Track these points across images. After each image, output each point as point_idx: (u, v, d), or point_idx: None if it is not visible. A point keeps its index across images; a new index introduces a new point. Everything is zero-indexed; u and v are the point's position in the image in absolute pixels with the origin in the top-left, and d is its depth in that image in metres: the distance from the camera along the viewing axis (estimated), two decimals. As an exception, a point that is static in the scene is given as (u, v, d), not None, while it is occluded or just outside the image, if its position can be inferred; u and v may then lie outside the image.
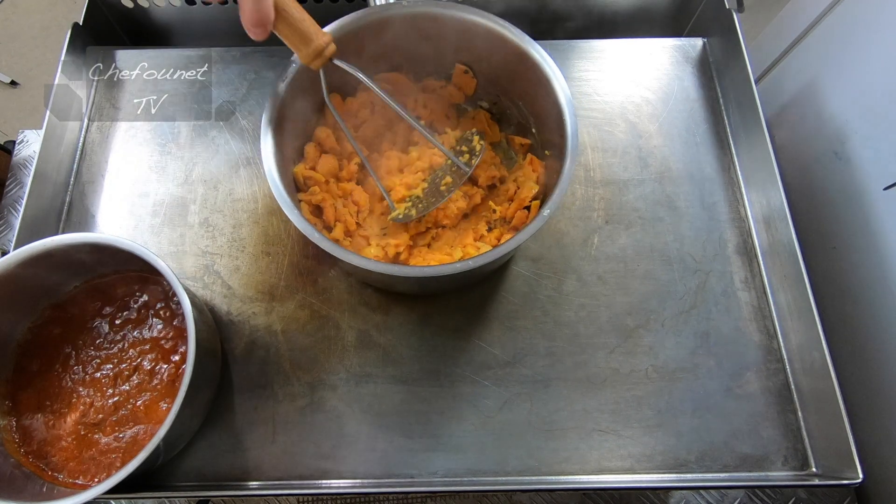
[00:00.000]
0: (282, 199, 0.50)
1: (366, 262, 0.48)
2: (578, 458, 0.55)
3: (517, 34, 0.56)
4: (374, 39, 0.59)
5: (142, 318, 0.55)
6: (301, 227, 0.49)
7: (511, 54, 0.57)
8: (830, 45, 0.71)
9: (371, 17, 0.57)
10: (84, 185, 0.66)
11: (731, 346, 0.59)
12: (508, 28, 0.56)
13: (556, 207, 0.49)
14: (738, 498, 0.62)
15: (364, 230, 0.61)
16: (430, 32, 0.59)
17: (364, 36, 0.58)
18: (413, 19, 0.58)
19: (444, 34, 0.59)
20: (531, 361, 0.58)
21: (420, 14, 0.58)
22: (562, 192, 0.50)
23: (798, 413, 0.56)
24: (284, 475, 0.54)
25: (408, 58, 0.63)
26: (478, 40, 0.58)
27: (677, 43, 0.74)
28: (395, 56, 0.63)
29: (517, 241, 0.48)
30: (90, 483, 0.50)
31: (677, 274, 0.61)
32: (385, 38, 0.59)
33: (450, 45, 0.61)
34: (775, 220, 0.61)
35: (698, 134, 0.68)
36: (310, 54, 0.50)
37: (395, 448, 0.55)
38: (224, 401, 0.56)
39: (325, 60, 0.51)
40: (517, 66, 0.58)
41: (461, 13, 0.57)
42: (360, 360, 0.58)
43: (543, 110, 0.57)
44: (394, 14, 0.57)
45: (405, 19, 0.58)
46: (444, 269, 0.48)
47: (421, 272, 0.49)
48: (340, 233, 0.59)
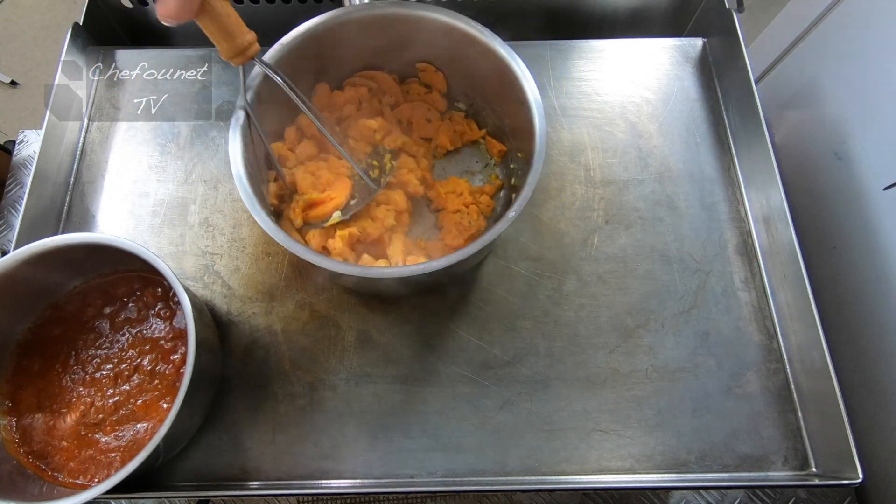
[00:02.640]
0: (246, 196, 0.51)
1: (336, 266, 0.48)
2: (578, 458, 0.55)
3: (487, 34, 0.56)
4: (347, 39, 0.59)
5: (142, 318, 0.55)
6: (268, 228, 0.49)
7: (480, 54, 0.57)
8: (830, 45, 0.71)
9: (343, 17, 0.58)
10: (84, 185, 0.66)
11: (731, 346, 0.59)
12: (478, 28, 0.56)
13: (520, 210, 0.49)
14: (738, 498, 0.62)
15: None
16: (399, 33, 0.60)
17: (335, 36, 0.59)
18: (382, 20, 0.59)
19: (412, 35, 0.60)
20: (531, 361, 0.58)
21: (389, 15, 0.58)
22: (527, 195, 0.50)
23: (798, 413, 0.56)
24: (284, 475, 0.54)
25: (382, 58, 0.64)
26: (447, 41, 0.59)
27: (677, 43, 0.74)
28: (371, 56, 0.63)
29: (482, 242, 0.48)
30: (90, 483, 0.50)
31: (677, 274, 0.61)
32: (357, 39, 0.60)
33: (420, 46, 0.61)
34: (775, 220, 0.61)
35: (698, 134, 0.68)
36: (231, 50, 0.50)
37: (395, 448, 0.55)
38: (224, 401, 0.56)
39: (247, 59, 0.51)
40: (487, 68, 0.58)
41: (430, 14, 0.57)
42: (360, 360, 0.58)
43: (515, 112, 0.57)
44: (363, 15, 0.58)
45: (375, 20, 0.58)
46: (408, 269, 0.48)
47: (387, 273, 0.49)
48: (300, 211, 0.58)
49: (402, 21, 0.59)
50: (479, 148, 0.67)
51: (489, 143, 0.66)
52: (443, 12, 0.57)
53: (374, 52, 0.63)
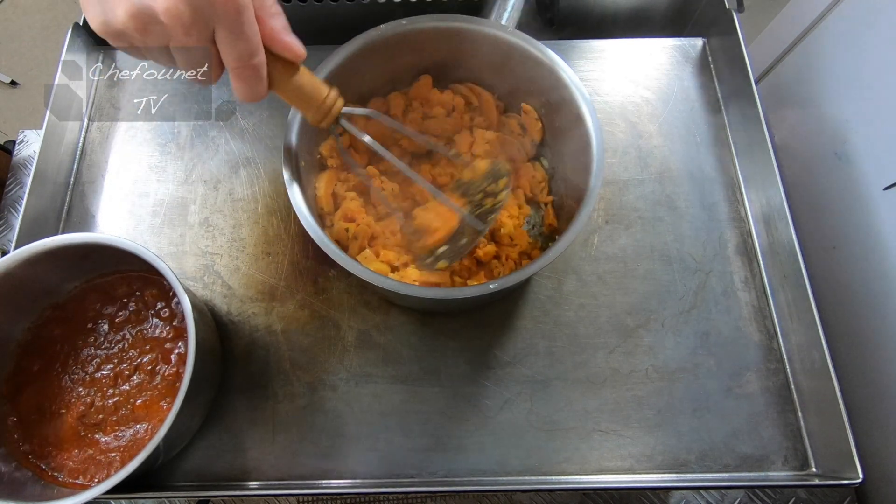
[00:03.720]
0: (318, 238, 0.49)
1: (413, 289, 0.47)
2: (578, 458, 0.55)
3: (556, 60, 0.55)
4: (471, 53, 0.58)
5: (142, 319, 0.55)
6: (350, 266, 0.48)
7: (573, 121, 0.55)
8: (830, 45, 0.71)
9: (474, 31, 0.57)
10: (84, 185, 0.66)
11: (731, 346, 0.59)
12: (583, 95, 0.54)
13: (567, 244, 0.49)
14: (738, 498, 0.62)
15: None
16: (521, 68, 0.58)
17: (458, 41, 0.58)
18: (442, 32, 0.57)
19: (530, 74, 0.58)
20: (531, 361, 0.58)
21: (446, 28, 0.57)
22: (582, 223, 0.49)
23: (798, 413, 0.56)
24: (284, 475, 0.54)
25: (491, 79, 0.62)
26: (555, 95, 0.56)
27: (677, 43, 0.74)
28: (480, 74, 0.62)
29: (532, 269, 0.48)
30: (90, 483, 0.50)
31: (677, 274, 0.61)
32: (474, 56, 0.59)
33: (532, 89, 0.59)
34: (775, 220, 0.61)
35: (698, 134, 0.68)
36: (316, 116, 0.47)
37: (395, 448, 0.55)
38: (224, 401, 0.56)
39: (333, 119, 0.48)
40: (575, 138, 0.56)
41: (556, 66, 0.55)
42: (360, 360, 0.58)
43: (571, 137, 0.55)
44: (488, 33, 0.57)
45: (503, 46, 0.57)
46: (471, 290, 0.47)
47: (449, 294, 0.49)
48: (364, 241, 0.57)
49: (527, 58, 0.56)
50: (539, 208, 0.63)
51: (547, 212, 0.62)
52: (570, 74, 0.55)
53: (487, 70, 0.61)
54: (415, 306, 0.60)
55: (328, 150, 0.59)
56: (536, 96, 0.60)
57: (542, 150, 0.64)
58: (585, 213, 0.49)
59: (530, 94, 0.61)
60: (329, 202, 0.58)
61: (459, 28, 0.57)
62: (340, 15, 0.73)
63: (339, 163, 0.59)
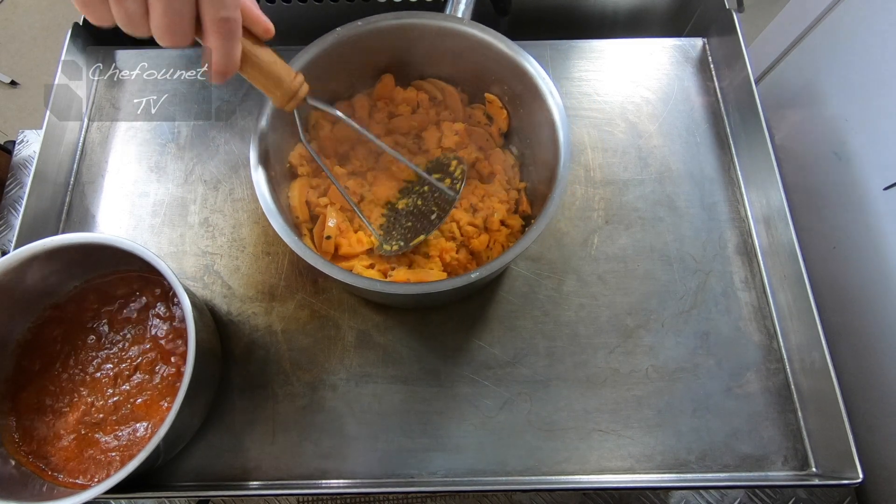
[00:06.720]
0: (282, 230, 0.51)
1: (369, 283, 0.48)
2: (578, 458, 0.55)
3: (513, 47, 0.55)
4: (426, 46, 0.59)
5: (142, 318, 0.55)
6: (306, 256, 0.49)
7: (539, 109, 0.55)
8: (830, 45, 0.71)
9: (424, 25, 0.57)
10: (84, 185, 0.66)
11: (731, 346, 0.59)
12: (548, 86, 0.55)
13: (542, 228, 0.49)
14: (738, 498, 0.62)
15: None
16: (478, 58, 0.58)
17: (410, 38, 0.58)
18: (400, 30, 0.57)
19: (489, 66, 0.58)
20: (531, 361, 0.58)
21: (402, 25, 0.57)
22: (554, 207, 0.49)
23: (798, 413, 0.56)
24: (284, 475, 0.54)
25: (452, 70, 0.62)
26: (521, 85, 0.57)
27: (677, 43, 0.74)
28: (442, 66, 0.62)
29: (511, 254, 0.48)
30: (90, 483, 0.50)
31: (677, 274, 0.61)
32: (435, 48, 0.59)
33: (494, 79, 0.60)
34: (775, 220, 0.61)
35: (698, 134, 0.68)
36: (282, 97, 0.48)
37: (395, 448, 0.55)
38: (224, 401, 0.56)
39: (299, 102, 0.49)
40: (513, 80, 0.57)
41: (519, 58, 0.55)
42: (360, 360, 0.58)
43: (537, 123, 0.56)
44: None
45: (460, 36, 0.57)
46: (438, 285, 0.48)
47: (416, 289, 0.49)
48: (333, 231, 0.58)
49: (485, 47, 0.57)
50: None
51: (521, 199, 0.61)
52: (530, 61, 0.55)
53: (448, 63, 0.61)
54: (408, 305, 0.60)
55: (297, 159, 0.59)
56: (499, 85, 0.61)
57: (510, 138, 0.64)
58: (557, 195, 0.50)
59: (492, 84, 0.61)
60: (304, 210, 0.58)
61: (414, 24, 0.57)
62: (303, 16, 0.73)
63: (309, 170, 0.60)
